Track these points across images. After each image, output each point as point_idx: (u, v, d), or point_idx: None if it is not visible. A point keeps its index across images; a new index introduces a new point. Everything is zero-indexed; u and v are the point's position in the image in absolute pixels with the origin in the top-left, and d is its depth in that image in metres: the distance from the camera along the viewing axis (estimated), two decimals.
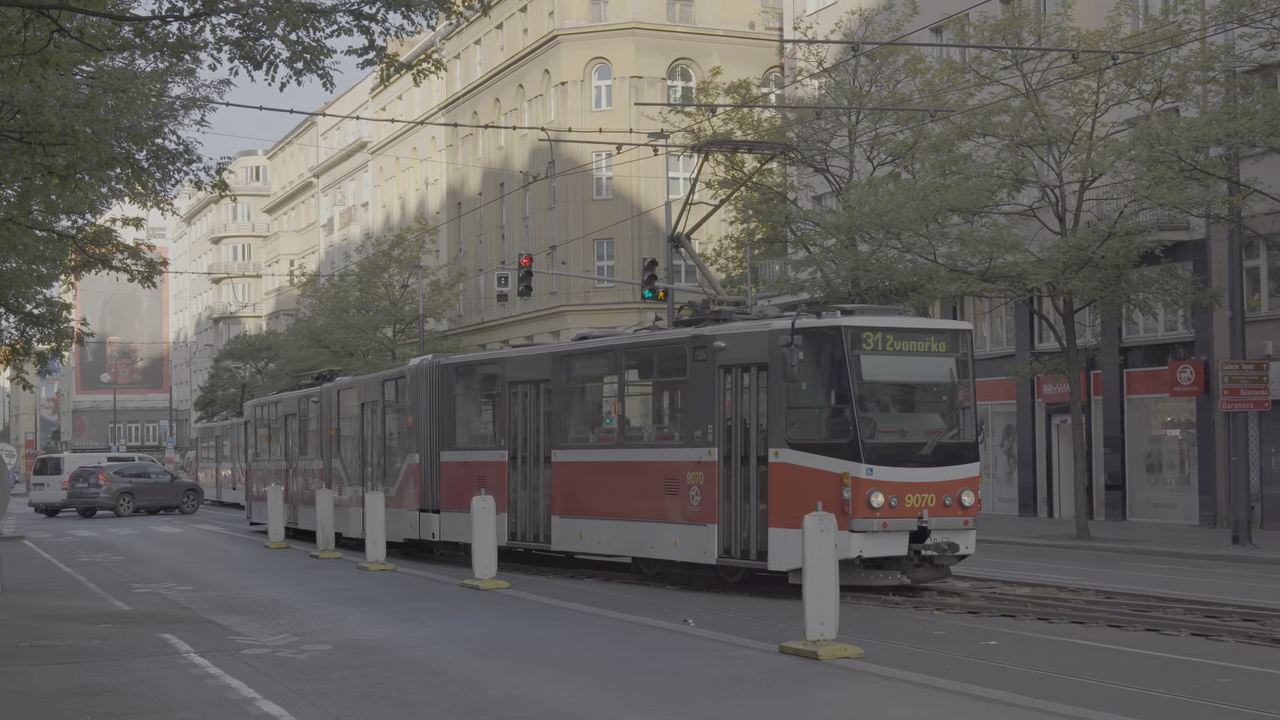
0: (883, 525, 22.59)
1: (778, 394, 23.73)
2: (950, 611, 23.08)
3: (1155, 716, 13.83)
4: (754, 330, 24.91)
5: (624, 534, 27.65)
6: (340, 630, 21.80)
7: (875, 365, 23.64)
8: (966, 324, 26.22)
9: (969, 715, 14.36)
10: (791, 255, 47.31)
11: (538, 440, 30.52)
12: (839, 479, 22.62)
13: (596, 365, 30.38)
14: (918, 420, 24.61)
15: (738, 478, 24.51)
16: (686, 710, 14.66)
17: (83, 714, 14.74)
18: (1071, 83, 37.98)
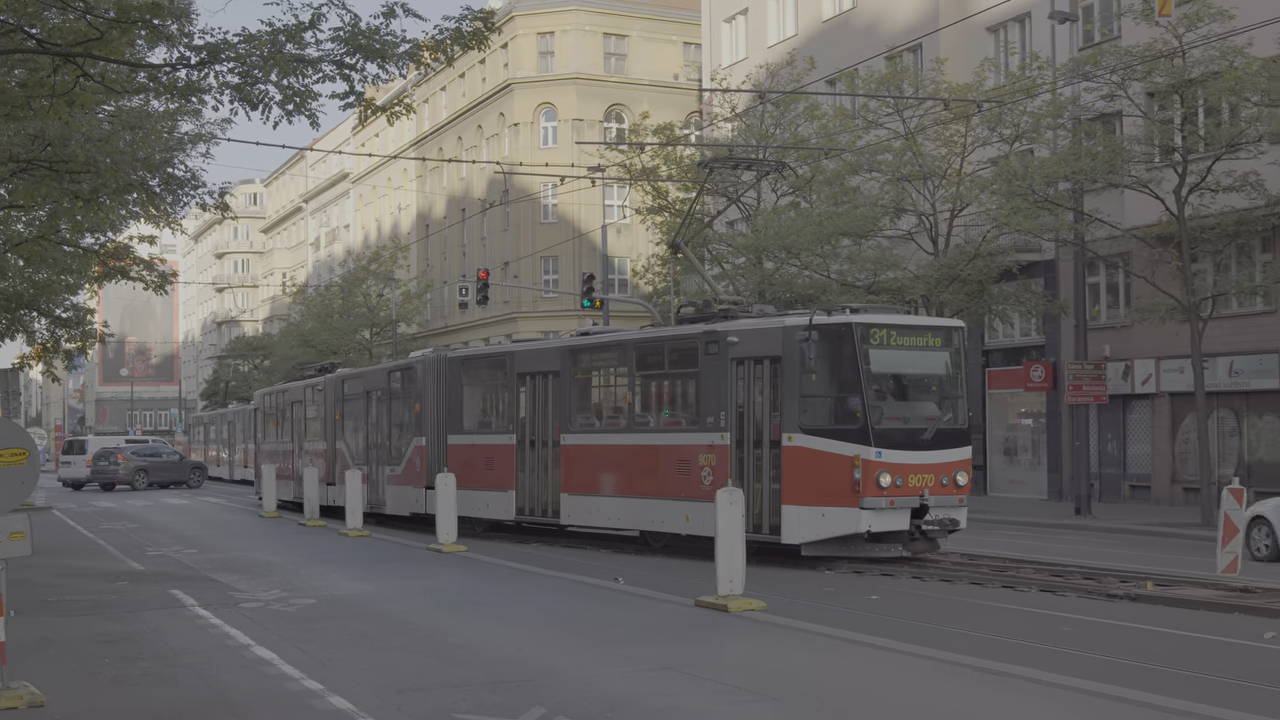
0: (890, 503, 21.95)
1: (791, 383, 22.89)
2: (838, 570, 23.15)
3: (1004, 658, 13.88)
4: (767, 326, 24.06)
5: (634, 510, 26.59)
6: (323, 587, 21.81)
7: (881, 358, 22.86)
8: (960, 322, 25.46)
9: (849, 657, 14.47)
10: (710, 269, 47.33)
11: (546, 425, 29.35)
12: (850, 461, 21.95)
13: (606, 358, 29.28)
14: (918, 408, 23.67)
15: (750, 460, 23.62)
16: (614, 653, 14.71)
17: (102, 659, 14.68)
18: (943, 127, 38.18)
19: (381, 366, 39.87)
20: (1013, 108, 36.62)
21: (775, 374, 23.23)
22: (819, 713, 11.63)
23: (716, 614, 17.57)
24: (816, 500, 22.31)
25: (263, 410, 52.32)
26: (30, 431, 33.53)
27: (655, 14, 74.44)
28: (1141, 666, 13.68)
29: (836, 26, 50.99)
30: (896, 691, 12.58)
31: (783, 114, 43.91)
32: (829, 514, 22.16)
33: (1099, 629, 16.62)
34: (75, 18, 15.14)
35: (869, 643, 15.17)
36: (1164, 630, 16.46)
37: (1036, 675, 12.98)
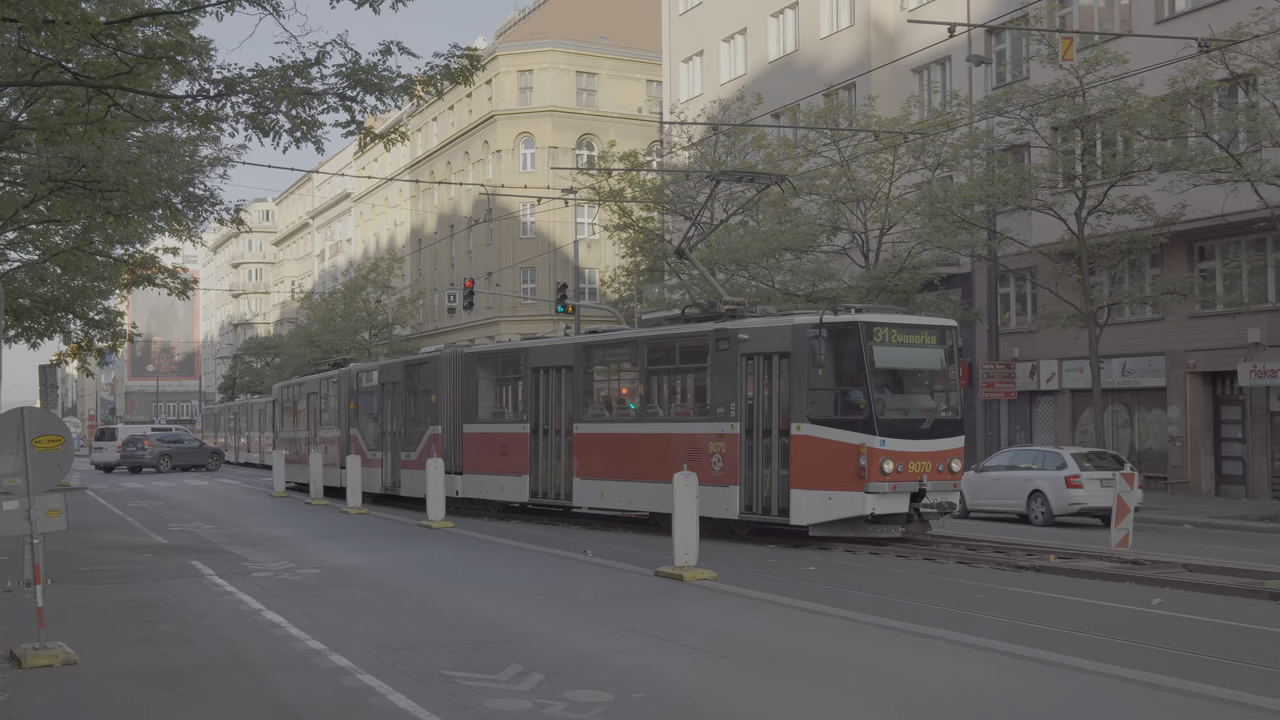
0: (892, 488, 21.24)
1: (800, 377, 22.03)
2: (780, 544, 23.17)
3: (923, 620, 13.96)
4: (777, 324, 23.19)
5: (644, 494, 25.38)
6: (326, 558, 21.76)
7: (884, 354, 21.93)
8: (952, 321, 24.28)
9: (788, 620, 14.50)
10: (667, 281, 47.37)
11: (559, 415, 28.30)
12: (856, 449, 21.20)
13: (618, 354, 28.17)
14: (917, 400, 22.80)
15: (759, 448, 22.74)
16: (583, 617, 14.74)
17: (129, 622, 14.64)
18: (874, 156, 38.29)
19: (397, 360, 38.18)
20: (934, 139, 36.75)
21: (784, 368, 22.48)
22: (761, 668, 11.65)
23: (673, 583, 17.61)
24: (824, 485, 21.63)
25: (280, 401, 51.24)
26: (66, 420, 33.56)
27: (621, 54, 74.63)
28: (1045, 629, 13.77)
29: (781, 67, 51.07)
30: (826, 648, 12.69)
31: (733, 143, 43.99)
32: (835, 498, 21.52)
33: (1008, 596, 16.77)
34: (107, 54, 15.09)
35: (805, 608, 15.25)
36: (1065, 597, 16.60)
37: (952, 636, 13.08)
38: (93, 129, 15.87)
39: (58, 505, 12.24)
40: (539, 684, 10.90)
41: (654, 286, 49.31)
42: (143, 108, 17.42)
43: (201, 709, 10.25)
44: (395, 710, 10.06)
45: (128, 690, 10.95)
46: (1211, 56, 29.30)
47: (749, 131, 43.21)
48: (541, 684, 10.90)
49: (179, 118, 18.87)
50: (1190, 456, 36.21)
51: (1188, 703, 10.19)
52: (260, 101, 16.43)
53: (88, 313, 35.89)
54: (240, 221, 27.01)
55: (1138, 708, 10.10)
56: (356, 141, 17.78)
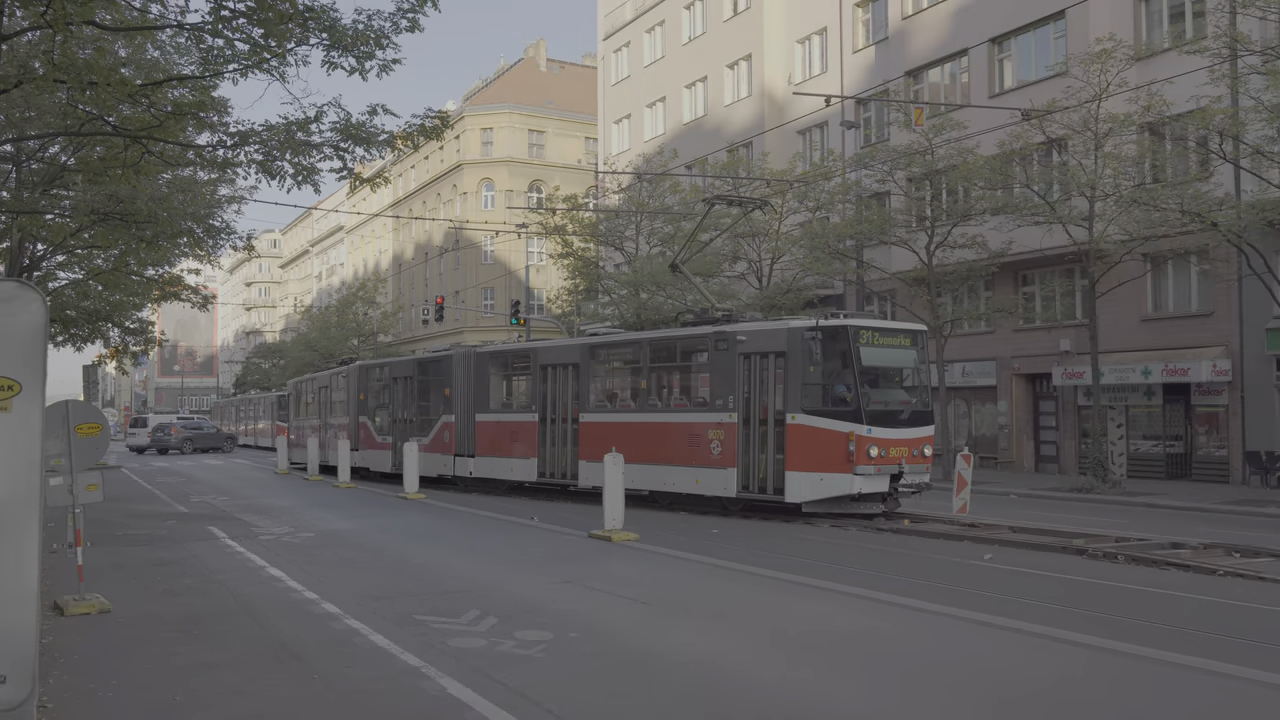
0: (877, 470, 20.14)
1: (795, 374, 20.80)
2: (689, 513, 23.14)
3: (801, 571, 14.03)
4: (774, 328, 21.80)
5: (645, 475, 23.67)
6: (320, 524, 21.54)
7: (869, 354, 20.70)
8: (923, 326, 23.01)
9: (695, 571, 14.49)
10: (600, 299, 47.32)
11: (566, 406, 26.69)
12: (846, 436, 20.06)
13: (622, 352, 26.36)
14: (896, 393, 21.31)
15: (755, 435, 21.48)
16: (529, 571, 14.65)
17: (155, 577, 14.44)
18: (767, 199, 38.44)
19: (410, 357, 35.69)
20: (815, 187, 36.98)
21: (780, 366, 21.21)
22: (673, 611, 11.65)
23: (603, 543, 17.57)
24: (816, 468, 20.47)
25: (294, 394, 48.72)
26: (105, 411, 33.05)
27: (565, 116, 74.85)
28: (899, 579, 13.84)
29: (693, 128, 51.20)
30: (724, 594, 12.69)
31: (654, 189, 44.00)
32: (826, 479, 20.35)
33: (872, 552, 16.87)
34: (142, 110, 14.92)
35: (709, 563, 15.27)
36: (915, 553, 16.71)
37: (822, 584, 13.13)
38: (129, 172, 15.70)
39: (96, 480, 12.09)
40: (493, 626, 10.83)
41: (590, 304, 49.23)
42: (171, 155, 17.23)
43: (216, 646, 10.10)
44: (374, 648, 9.95)
45: (154, 633, 10.78)
46: (1032, 124, 29.70)
47: (667, 179, 43.29)
48: (495, 626, 10.83)
49: (201, 163, 18.71)
50: (1015, 441, 36.68)
51: (1005, 635, 10.29)
52: (269, 151, 16.31)
53: (124, 322, 35.56)
54: (251, 248, 26.88)
55: (969, 639, 10.19)
56: (348, 184, 17.62)
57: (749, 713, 7.77)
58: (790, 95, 43.36)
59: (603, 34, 60.47)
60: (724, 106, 49.26)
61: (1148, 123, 28.89)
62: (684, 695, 8.23)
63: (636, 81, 56.65)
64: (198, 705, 8.12)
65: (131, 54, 19.15)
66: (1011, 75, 35.70)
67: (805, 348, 20.67)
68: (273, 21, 12.27)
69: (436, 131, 16.37)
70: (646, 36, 56.06)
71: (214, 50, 14.84)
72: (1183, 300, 32.18)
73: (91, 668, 9.28)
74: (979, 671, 9.08)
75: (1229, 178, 28.44)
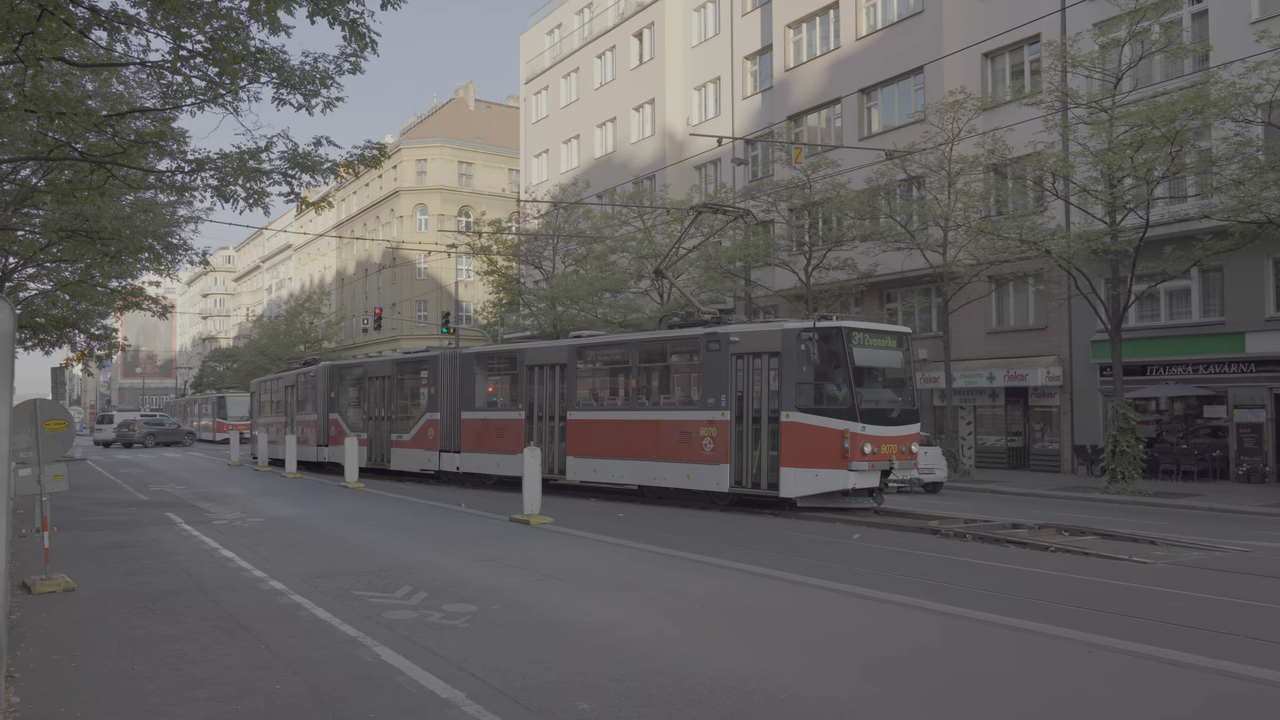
0: (870, 466, 18.71)
1: (789, 373, 19.14)
2: (596, 499, 23.10)
3: (693, 550, 14.10)
4: (768, 329, 19.97)
5: (634, 469, 22.23)
6: (268, 509, 21.13)
7: (862, 354, 19.09)
8: (908, 329, 20.77)
9: (603, 550, 14.47)
10: (522, 311, 47.14)
11: (552, 405, 24.62)
12: (841, 434, 18.58)
13: (610, 353, 23.93)
14: (886, 393, 19.60)
15: (748, 433, 19.80)
16: (457, 551, 14.53)
17: (117, 558, 14.06)
18: (668, 225, 38.62)
19: (387, 357, 32.65)
20: (710, 215, 37.22)
21: (774, 366, 19.55)
22: (583, 584, 11.63)
23: (523, 526, 17.50)
24: (811, 464, 18.91)
25: (257, 392, 44.68)
26: (71, 409, 32.13)
27: (492, 150, 74.48)
28: (778, 555, 13.94)
29: (603, 162, 51.23)
30: (629, 570, 12.69)
31: (569, 215, 43.98)
32: (821, 474, 18.81)
33: (761, 535, 16.94)
34: (107, 138, 14.56)
35: (614, 543, 15.27)
36: (793, 534, 16.83)
37: (713, 560, 13.21)
38: (95, 193, 15.30)
39: (62, 471, 11.74)
40: (424, 599, 10.72)
41: (512, 315, 49.00)
42: (134, 179, 16.81)
43: (171, 620, 9.86)
44: (316, 620, 9.79)
45: (114, 609, 10.49)
46: (895, 163, 30.25)
47: (580, 207, 43.28)
48: (425, 599, 10.72)
49: (161, 187, 18.23)
50: None
51: (871, 604, 10.46)
52: (223, 176, 15.99)
53: (90, 329, 34.65)
54: (207, 263, 26.32)
55: (839, 608, 10.33)
56: (296, 207, 17.35)
57: (647, 671, 7.80)
58: (688, 135, 43.63)
59: (524, 78, 60.29)
60: (631, 144, 49.37)
61: (992, 164, 29.59)
62: (591, 659, 8.23)
63: (554, 120, 56.54)
64: (155, 673, 7.93)
65: (98, 87, 18.65)
66: (878, 121, 36.32)
67: (800, 348, 19.21)
68: (227, 61, 12.02)
69: (375, 161, 16.17)
70: (563, 81, 55.99)
71: (173, 86, 14.52)
72: (1022, 316, 32.98)
73: (57, 641, 9.01)
74: (847, 634, 9.21)
75: (1060, 212, 29.23)
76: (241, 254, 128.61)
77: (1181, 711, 6.93)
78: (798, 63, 39.69)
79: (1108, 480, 25.00)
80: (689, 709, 6.89)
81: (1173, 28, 26.76)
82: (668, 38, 47.37)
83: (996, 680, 7.62)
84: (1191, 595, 11.10)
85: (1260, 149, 23.15)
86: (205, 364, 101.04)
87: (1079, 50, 26.22)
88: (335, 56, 13.35)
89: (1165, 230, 26.61)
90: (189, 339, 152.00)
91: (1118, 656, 8.27)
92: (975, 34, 32.95)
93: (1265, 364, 26.83)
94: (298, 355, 63.08)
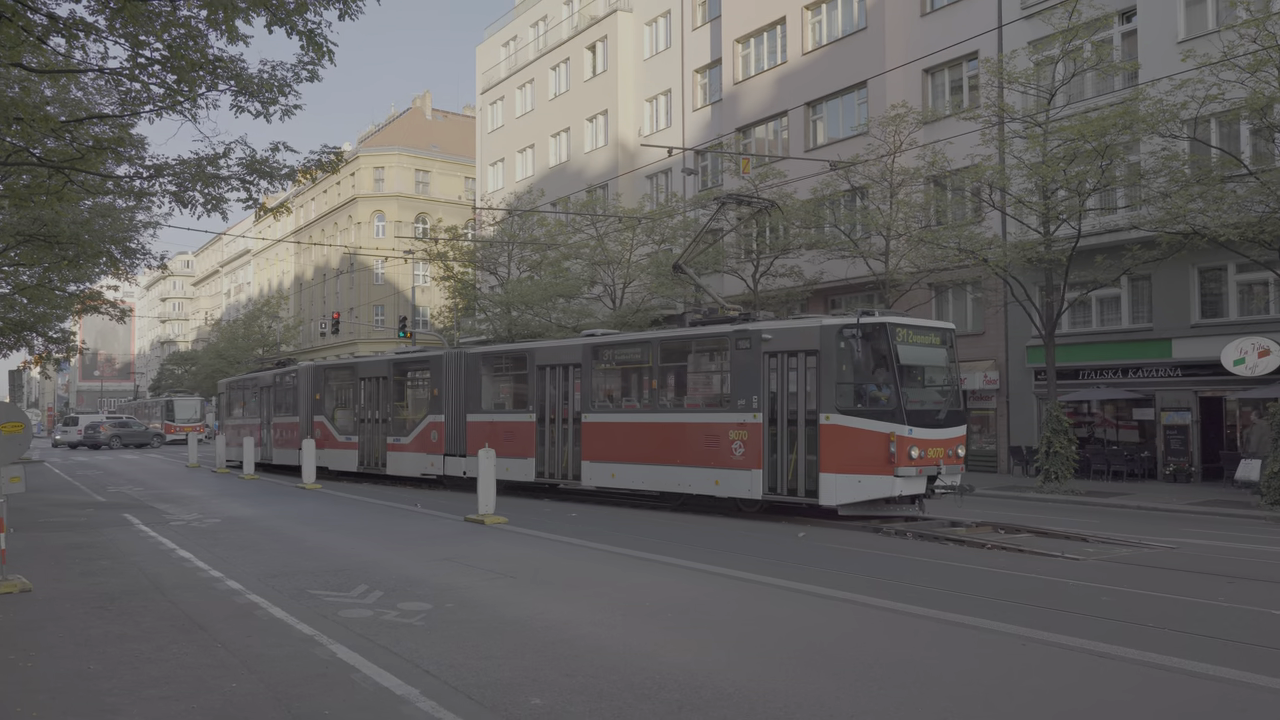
0: (918, 472, 17.10)
1: (828, 373, 17.39)
2: (613, 507, 23.03)
3: (639, 548, 14.13)
4: (805, 326, 18.08)
5: (655, 475, 20.52)
6: (226, 510, 20.87)
7: (907, 352, 17.45)
8: (952, 324, 18.94)
9: (556, 549, 14.44)
10: (478, 316, 46.93)
11: (565, 406, 22.78)
12: (886, 437, 16.88)
13: (629, 352, 21.97)
14: (932, 392, 17.96)
15: (783, 436, 18.07)
16: (413, 551, 14.44)
17: (74, 559, 13.83)
18: (619, 233, 38.64)
19: (382, 357, 30.12)
20: (660, 223, 37.29)
21: (811, 365, 17.78)
22: (535, 583, 11.61)
23: (478, 525, 17.43)
24: (853, 469, 17.19)
25: (226, 394, 41.87)
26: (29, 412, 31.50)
27: (448, 158, 74.20)
28: (723, 553, 14.00)
29: (558, 171, 51.16)
30: (581, 568, 12.68)
31: (524, 222, 43.88)
32: (865, 481, 17.14)
33: (703, 535, 16.99)
34: (65, 144, 14.33)
35: (568, 542, 15.26)
36: (735, 534, 16.89)
37: (659, 559, 13.25)
38: (53, 198, 15.07)
39: (18, 474, 11.51)
40: (379, 598, 10.66)
41: (468, 319, 48.77)
42: (92, 184, 16.55)
43: (128, 620, 9.71)
44: (272, 619, 9.70)
45: (71, 609, 10.31)
46: (839, 174, 30.49)
47: (534, 214, 43.21)
48: (381, 598, 10.65)
49: (120, 192, 17.99)
50: None
51: (815, 600, 10.54)
52: (182, 182, 15.83)
53: (48, 332, 34.09)
54: (165, 268, 25.98)
55: (786, 603, 10.40)
56: (255, 213, 17.17)
57: (598, 667, 7.81)
58: (640, 146, 43.71)
59: (480, 88, 60.06)
60: (584, 153, 49.36)
61: (932, 175, 29.93)
62: (544, 655, 8.23)
63: (509, 130, 56.38)
64: (111, 672, 7.81)
65: (56, 94, 18.34)
66: (823, 133, 36.61)
67: (840, 345, 17.47)
68: (185, 69, 11.88)
69: (333, 166, 16.06)
70: (518, 92, 55.86)
71: (132, 92, 14.35)
72: (960, 321, 33.38)
73: (13, 641, 8.84)
74: (793, 630, 9.27)
75: (997, 222, 29.64)
76: (200, 258, 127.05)
77: (1106, 700, 7.06)
78: (746, 76, 39.91)
79: (1042, 480, 25.36)
80: (639, 703, 6.91)
81: (1104, 46, 27.25)
82: (620, 51, 47.45)
83: (933, 671, 7.72)
84: (1121, 590, 11.30)
85: (1186, 163, 23.62)
86: (164, 367, 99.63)
87: (1014, 67, 26.63)
88: (293, 65, 13.23)
89: (1096, 240, 27.07)
90: (147, 342, 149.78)
91: (1049, 649, 8.41)
92: (916, 50, 33.34)
93: (1190, 368, 27.36)
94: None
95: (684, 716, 6.63)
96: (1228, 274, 26.75)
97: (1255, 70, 21.01)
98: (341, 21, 11.24)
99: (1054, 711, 6.82)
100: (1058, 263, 25.85)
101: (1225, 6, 26.06)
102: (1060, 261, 25.71)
